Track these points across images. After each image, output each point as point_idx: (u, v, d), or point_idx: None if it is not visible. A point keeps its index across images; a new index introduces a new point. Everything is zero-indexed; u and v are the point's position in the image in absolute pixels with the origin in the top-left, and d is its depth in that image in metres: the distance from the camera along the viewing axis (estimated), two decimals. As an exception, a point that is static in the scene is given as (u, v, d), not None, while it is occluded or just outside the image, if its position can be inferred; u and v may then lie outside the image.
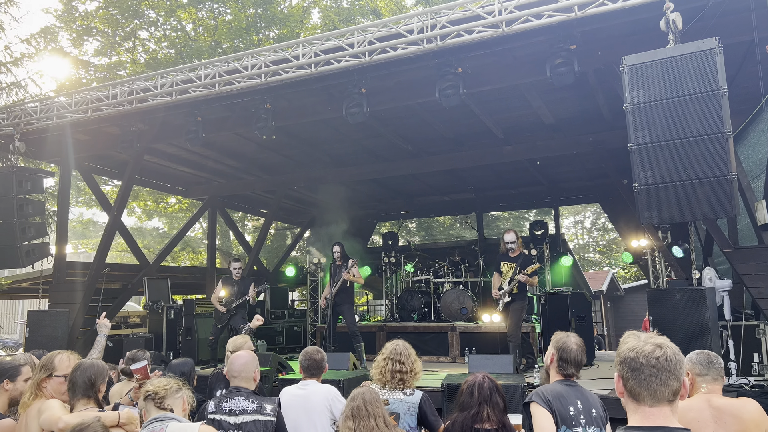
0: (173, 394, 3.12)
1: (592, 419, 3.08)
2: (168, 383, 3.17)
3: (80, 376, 3.40)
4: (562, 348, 3.34)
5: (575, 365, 3.29)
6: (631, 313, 24.73)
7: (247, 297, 9.30)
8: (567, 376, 3.31)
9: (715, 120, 4.96)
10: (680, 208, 5.12)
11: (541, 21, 5.83)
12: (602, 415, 3.16)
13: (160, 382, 3.17)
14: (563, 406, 3.05)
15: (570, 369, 3.30)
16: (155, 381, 3.23)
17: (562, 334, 3.46)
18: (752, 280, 6.16)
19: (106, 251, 9.91)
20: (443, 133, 9.98)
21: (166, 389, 3.11)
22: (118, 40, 18.73)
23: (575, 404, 3.09)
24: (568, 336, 3.41)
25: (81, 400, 3.41)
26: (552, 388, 3.19)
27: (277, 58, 7.07)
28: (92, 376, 3.43)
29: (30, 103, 8.96)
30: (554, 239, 13.35)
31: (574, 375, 3.31)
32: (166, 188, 13.60)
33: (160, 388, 3.11)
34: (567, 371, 3.30)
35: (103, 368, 3.55)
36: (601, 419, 3.14)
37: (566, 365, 3.30)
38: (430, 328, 10.85)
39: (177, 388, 3.17)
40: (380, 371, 4.10)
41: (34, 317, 8.78)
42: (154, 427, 2.86)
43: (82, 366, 3.44)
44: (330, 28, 19.04)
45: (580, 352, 3.32)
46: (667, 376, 1.78)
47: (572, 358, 3.29)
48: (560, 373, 3.32)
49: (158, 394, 3.08)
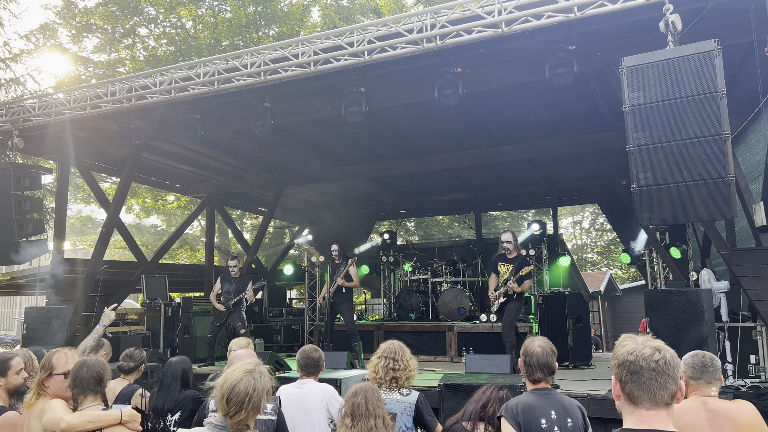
0: (243, 422, 2.53)
1: (568, 429, 2.99)
2: (240, 411, 2.50)
3: (87, 372, 3.37)
4: (526, 352, 3.25)
5: (541, 369, 3.17)
6: (628, 314, 24.76)
7: (245, 295, 9.30)
8: (535, 382, 3.20)
9: (714, 122, 4.96)
10: (678, 210, 5.12)
11: (541, 21, 5.83)
12: (579, 425, 3.06)
13: (234, 406, 2.49)
14: (534, 418, 2.95)
15: (537, 374, 3.18)
16: (233, 398, 2.50)
17: (528, 339, 3.37)
18: (749, 281, 6.17)
19: (104, 248, 9.89)
20: (442, 132, 9.98)
21: (238, 421, 2.51)
22: (118, 37, 18.71)
23: (548, 415, 2.99)
24: (533, 340, 3.31)
25: (88, 396, 3.37)
26: (523, 400, 3.09)
27: (276, 56, 7.06)
28: (100, 372, 3.42)
29: (29, 99, 8.96)
30: (552, 239, 13.36)
31: (542, 380, 3.19)
32: (164, 186, 13.59)
33: (233, 420, 2.50)
34: (534, 376, 3.19)
35: (106, 365, 3.56)
36: (579, 428, 3.04)
37: (532, 370, 3.19)
38: (428, 328, 10.86)
39: (248, 415, 2.53)
40: (374, 369, 4.10)
41: (32, 314, 8.78)
42: None
43: (87, 362, 3.43)
44: (330, 26, 19.02)
45: (545, 355, 3.20)
46: (666, 379, 1.79)
47: (536, 362, 3.18)
48: (529, 380, 3.22)
49: (231, 420, 2.50)
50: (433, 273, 12.17)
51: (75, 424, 3.22)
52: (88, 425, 3.25)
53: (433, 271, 12.20)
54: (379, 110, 8.02)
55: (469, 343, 10.16)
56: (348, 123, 7.53)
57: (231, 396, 2.50)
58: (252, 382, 2.54)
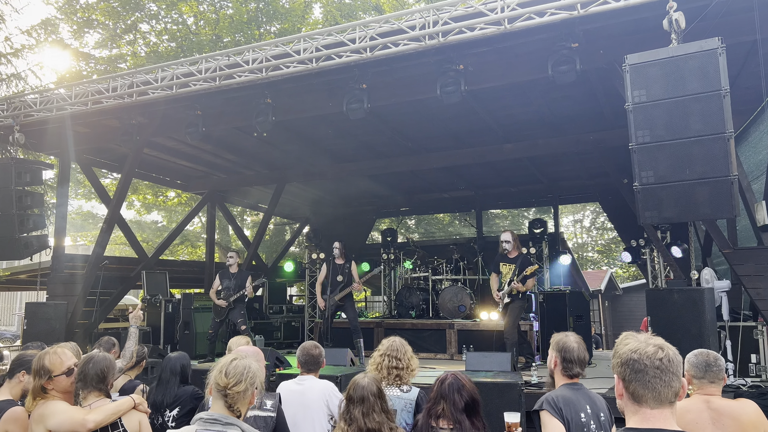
0: (243, 396, 2.57)
1: (601, 424, 3.04)
2: (240, 382, 2.55)
3: (92, 369, 3.39)
4: (563, 348, 3.28)
5: (580, 364, 3.24)
6: (628, 313, 24.76)
7: (244, 291, 9.30)
8: (573, 377, 3.25)
9: (717, 120, 4.94)
10: (680, 208, 5.11)
11: (544, 19, 5.81)
12: (609, 418, 3.12)
13: (233, 378, 2.56)
14: (575, 412, 2.99)
15: (576, 368, 3.24)
16: (230, 372, 2.57)
17: (560, 335, 3.39)
18: (751, 281, 6.16)
19: (105, 244, 9.89)
20: (443, 130, 9.97)
21: (238, 392, 2.54)
22: (119, 32, 18.69)
23: (585, 409, 3.04)
24: (567, 336, 3.35)
25: (92, 392, 3.39)
26: (561, 394, 3.11)
27: (278, 52, 7.05)
28: (104, 369, 3.43)
29: (30, 94, 8.93)
30: (553, 238, 13.35)
31: (579, 374, 3.26)
32: (165, 182, 13.58)
33: (233, 390, 2.54)
34: (573, 371, 3.24)
35: (113, 361, 3.56)
36: (608, 422, 3.10)
37: (571, 365, 3.24)
38: (428, 325, 10.85)
39: (247, 387, 2.59)
40: (377, 367, 4.10)
41: (32, 309, 8.77)
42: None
43: (94, 359, 3.44)
44: (331, 23, 19.00)
45: (582, 350, 3.27)
46: (670, 377, 1.78)
47: (576, 357, 3.23)
48: (566, 375, 3.26)
49: (229, 396, 2.54)
50: (434, 271, 12.17)
51: (101, 420, 3.26)
52: (112, 417, 3.32)
53: (434, 269, 12.20)
54: (380, 107, 8.01)
55: (469, 340, 10.15)
56: (349, 120, 7.51)
57: (229, 369, 2.57)
58: (247, 362, 2.64)
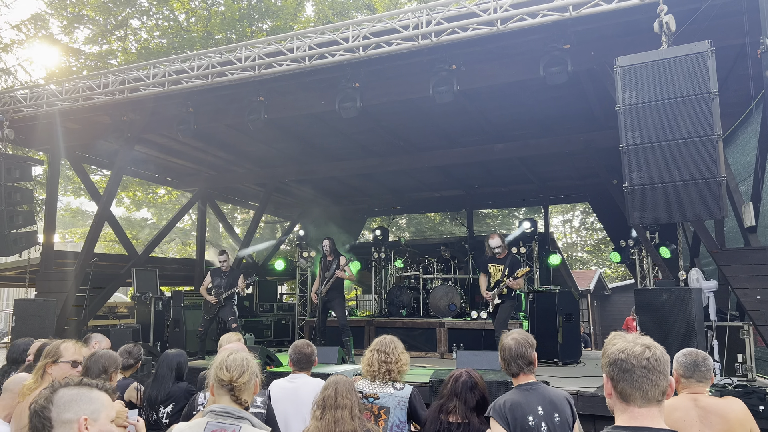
0: (248, 386, 2.66)
1: (554, 424, 3.00)
2: (243, 373, 2.64)
3: (94, 364, 3.45)
4: (502, 347, 3.26)
5: (515, 360, 3.18)
6: (617, 312, 24.92)
7: (236, 289, 9.29)
8: (515, 375, 3.21)
9: (706, 122, 5.00)
10: (669, 209, 5.16)
11: (536, 20, 5.85)
12: (567, 416, 3.07)
13: (236, 370, 2.63)
14: (522, 416, 2.96)
15: (513, 367, 3.20)
16: (231, 365, 2.64)
17: (504, 333, 3.36)
18: (738, 281, 6.23)
19: (95, 241, 9.83)
20: (436, 129, 10.00)
21: (243, 383, 2.63)
22: (110, 28, 18.58)
23: (535, 411, 2.99)
24: (508, 334, 3.31)
25: None
26: (510, 398, 3.08)
27: (270, 50, 7.04)
28: (105, 364, 3.47)
29: (19, 90, 8.88)
30: (543, 237, 13.42)
31: (520, 372, 3.20)
32: (155, 179, 13.52)
33: (238, 383, 2.62)
34: (511, 369, 3.21)
35: (116, 358, 3.57)
36: (567, 422, 3.05)
37: (508, 363, 3.21)
38: (419, 324, 10.89)
39: (251, 378, 2.69)
40: (368, 363, 4.13)
41: (21, 306, 8.71)
42: (227, 426, 2.52)
43: (96, 354, 3.49)
44: (324, 21, 18.98)
45: (519, 346, 3.20)
46: (657, 376, 1.81)
47: (510, 355, 3.19)
48: (510, 374, 3.24)
49: (235, 388, 2.62)
50: (425, 270, 12.20)
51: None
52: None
53: (425, 268, 12.23)
54: (373, 106, 8.02)
55: (459, 339, 10.19)
56: (342, 118, 7.53)
57: (229, 363, 2.64)
58: (243, 354, 2.72)
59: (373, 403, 3.92)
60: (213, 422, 2.51)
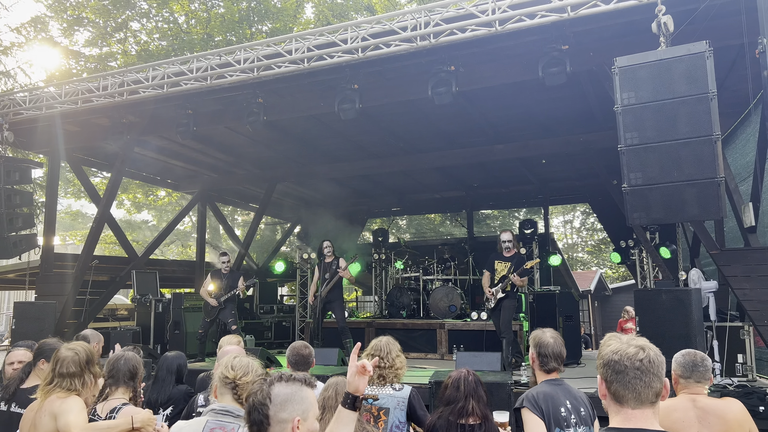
0: (250, 385, 2.66)
1: (582, 418, 3.09)
2: (247, 373, 2.74)
3: (124, 365, 3.41)
4: (539, 344, 3.35)
5: (555, 358, 3.29)
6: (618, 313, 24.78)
7: (237, 291, 9.29)
8: (549, 372, 3.30)
9: (704, 123, 5.00)
10: (668, 210, 5.16)
11: (534, 21, 5.85)
12: (590, 413, 3.17)
13: (240, 369, 2.73)
14: (555, 407, 3.06)
15: (551, 363, 3.29)
16: (236, 365, 2.75)
17: (537, 331, 3.46)
18: (737, 281, 6.22)
19: (95, 243, 9.84)
20: (435, 130, 9.99)
21: (247, 383, 2.70)
22: (110, 31, 18.59)
23: (565, 404, 3.09)
24: (544, 332, 3.42)
25: (120, 388, 3.39)
26: (541, 389, 3.19)
27: (269, 52, 7.04)
28: (136, 366, 3.46)
29: (19, 92, 8.88)
30: (543, 238, 13.41)
31: (556, 369, 3.30)
32: (155, 181, 13.52)
33: (242, 381, 2.70)
34: (548, 366, 3.30)
35: (141, 361, 3.56)
36: (590, 417, 3.15)
37: (547, 360, 3.30)
38: (419, 325, 10.87)
39: (255, 379, 2.74)
40: None
41: (21, 308, 8.72)
42: (226, 424, 2.56)
43: (125, 356, 3.47)
44: (323, 23, 19.00)
45: (557, 345, 3.33)
46: (651, 378, 1.81)
47: (551, 352, 3.29)
48: (543, 370, 3.32)
49: (239, 386, 2.69)
50: (425, 271, 12.19)
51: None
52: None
53: (425, 269, 12.22)
54: (372, 107, 8.03)
55: (459, 340, 10.18)
56: (341, 120, 7.52)
57: (234, 364, 2.76)
58: (248, 359, 2.87)
59: (372, 404, 3.90)
60: (213, 420, 2.53)
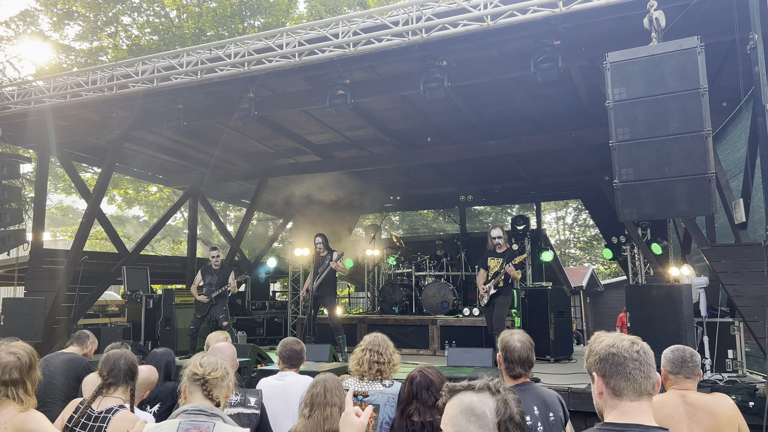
0: (221, 382, 2.67)
1: (549, 424, 2.97)
2: (216, 369, 2.67)
3: (125, 364, 3.34)
4: (505, 347, 3.16)
5: (521, 364, 3.10)
6: (610, 309, 25.02)
7: (227, 287, 9.24)
8: (515, 377, 3.13)
9: (696, 118, 5.00)
10: (659, 206, 5.16)
11: (526, 16, 5.83)
12: (560, 416, 3.04)
13: (209, 366, 2.67)
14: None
15: (517, 369, 3.10)
16: (204, 362, 2.68)
17: (506, 332, 3.25)
18: (728, 277, 6.24)
19: (85, 239, 9.76)
20: (427, 126, 9.97)
21: (216, 378, 2.65)
22: (100, 25, 18.45)
23: (531, 412, 2.95)
24: (512, 334, 3.21)
25: (120, 387, 3.33)
26: None
27: (260, 46, 7.00)
28: (134, 364, 3.42)
29: (7, 86, 8.78)
30: (536, 234, 13.43)
31: (522, 375, 3.12)
32: (146, 176, 13.44)
33: (211, 376, 2.64)
34: (514, 372, 3.11)
35: (134, 357, 3.52)
36: (560, 420, 3.03)
37: (512, 366, 3.11)
38: (411, 321, 10.88)
39: (224, 375, 2.70)
40: (358, 362, 4.07)
41: (9, 305, 8.64)
42: (200, 423, 2.51)
43: (125, 354, 3.41)
44: (316, 18, 18.91)
45: (524, 350, 3.12)
46: (648, 368, 1.82)
47: (517, 357, 3.10)
48: (509, 376, 3.14)
49: (208, 382, 2.63)
50: (417, 267, 12.19)
51: None
52: None
53: (417, 265, 12.22)
54: (364, 102, 8.01)
55: (451, 336, 10.19)
56: (333, 115, 7.49)
57: (203, 361, 2.69)
58: (216, 357, 2.78)
59: (362, 401, 3.88)
60: (186, 422, 2.48)
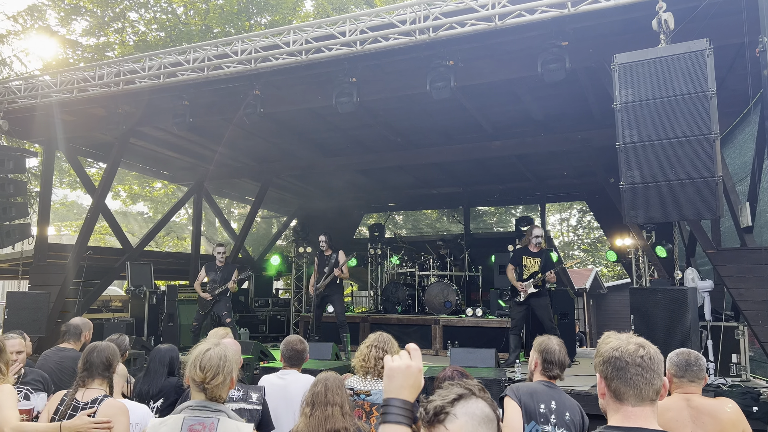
0: (222, 386, 2.57)
1: (564, 421, 3.13)
2: (217, 375, 2.54)
3: (97, 357, 3.38)
4: (545, 350, 3.41)
5: (559, 366, 3.37)
6: (613, 312, 24.94)
7: (229, 286, 9.23)
8: (551, 378, 3.37)
9: (703, 121, 4.98)
10: (665, 208, 5.14)
11: (534, 16, 5.81)
12: (577, 421, 3.19)
13: (209, 371, 2.54)
14: (533, 402, 3.12)
15: (555, 370, 3.37)
16: (205, 365, 2.56)
17: (543, 337, 3.54)
18: (733, 281, 6.21)
19: (89, 234, 9.78)
20: (433, 126, 9.96)
21: (217, 385, 2.54)
22: (107, 20, 18.46)
23: (548, 403, 3.15)
24: (550, 338, 3.50)
25: (95, 380, 3.38)
26: (528, 385, 3.28)
27: (267, 44, 6.99)
28: (109, 357, 3.43)
29: (14, 81, 8.81)
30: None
31: (558, 377, 3.38)
32: (151, 172, 13.46)
33: (210, 385, 2.53)
34: (551, 372, 3.37)
35: (116, 350, 3.53)
36: (575, 424, 3.16)
37: (551, 366, 3.37)
38: (414, 321, 10.87)
39: (225, 379, 2.59)
40: (363, 358, 4.06)
41: (13, 299, 8.67)
42: (204, 419, 2.47)
43: (98, 347, 3.44)
44: (323, 16, 18.90)
45: (562, 353, 3.41)
46: (652, 374, 1.79)
47: (556, 359, 3.36)
48: (544, 375, 3.39)
49: (207, 390, 2.54)
50: (421, 266, 12.17)
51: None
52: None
53: (421, 265, 12.20)
54: (370, 101, 7.98)
55: (454, 336, 10.17)
56: (338, 113, 7.48)
57: (203, 363, 2.56)
58: (221, 351, 2.62)
59: (365, 400, 3.87)
60: (190, 417, 2.48)
